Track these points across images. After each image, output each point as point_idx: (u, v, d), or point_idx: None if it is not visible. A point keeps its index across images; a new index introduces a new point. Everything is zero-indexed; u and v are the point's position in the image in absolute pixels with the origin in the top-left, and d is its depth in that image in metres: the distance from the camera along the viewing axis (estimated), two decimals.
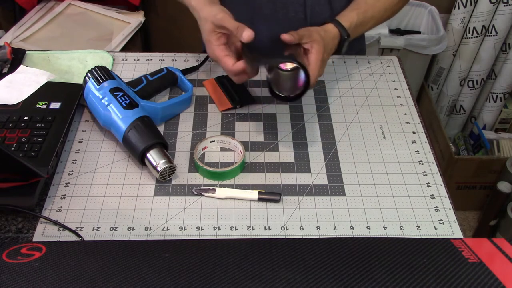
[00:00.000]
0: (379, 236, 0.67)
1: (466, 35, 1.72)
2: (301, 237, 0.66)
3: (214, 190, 0.71)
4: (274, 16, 0.95)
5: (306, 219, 0.69)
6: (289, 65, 0.70)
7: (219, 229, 0.67)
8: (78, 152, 0.77)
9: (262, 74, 0.93)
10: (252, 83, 0.91)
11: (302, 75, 0.70)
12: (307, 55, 0.75)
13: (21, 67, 0.90)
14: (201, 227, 0.67)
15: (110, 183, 0.73)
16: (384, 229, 0.68)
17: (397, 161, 0.78)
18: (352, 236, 0.67)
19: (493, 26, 1.67)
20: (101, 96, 0.76)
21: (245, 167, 0.76)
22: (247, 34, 0.71)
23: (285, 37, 0.73)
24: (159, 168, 0.70)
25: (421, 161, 0.78)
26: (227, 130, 0.82)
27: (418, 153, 0.79)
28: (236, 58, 0.74)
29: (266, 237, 0.66)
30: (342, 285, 0.53)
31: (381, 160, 0.78)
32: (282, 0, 0.93)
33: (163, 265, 0.56)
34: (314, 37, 0.75)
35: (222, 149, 0.79)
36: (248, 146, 0.79)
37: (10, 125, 0.76)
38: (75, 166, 0.75)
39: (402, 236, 0.67)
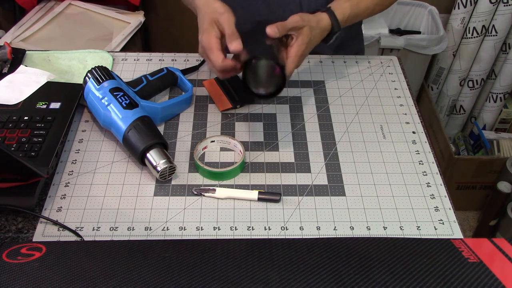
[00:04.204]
0: (379, 236, 0.67)
1: (466, 35, 1.72)
2: (301, 237, 0.66)
3: (214, 190, 0.71)
4: (271, 17, 0.95)
5: (306, 219, 0.69)
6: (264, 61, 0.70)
7: (219, 229, 0.67)
8: (78, 152, 0.77)
9: None
10: None
11: (277, 69, 0.70)
12: (288, 47, 0.74)
13: (21, 67, 0.90)
14: (201, 227, 0.67)
15: (110, 183, 0.73)
16: (384, 229, 0.68)
17: (397, 161, 0.78)
18: (352, 236, 0.67)
19: (493, 26, 1.68)
20: (101, 96, 0.76)
21: (245, 167, 0.76)
22: (234, 45, 0.71)
23: (269, 31, 0.72)
24: (159, 168, 0.70)
25: (421, 161, 0.78)
26: (227, 130, 0.82)
27: (418, 153, 0.79)
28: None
29: (266, 237, 0.66)
30: (342, 285, 0.53)
31: (381, 160, 0.78)
32: (278, 1, 0.93)
33: (163, 265, 0.56)
34: (303, 30, 0.75)
35: (222, 149, 0.79)
36: (248, 146, 0.79)
37: (10, 125, 0.76)
38: (75, 166, 0.75)
39: (402, 236, 0.67)
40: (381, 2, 0.88)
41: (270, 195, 0.71)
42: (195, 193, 0.72)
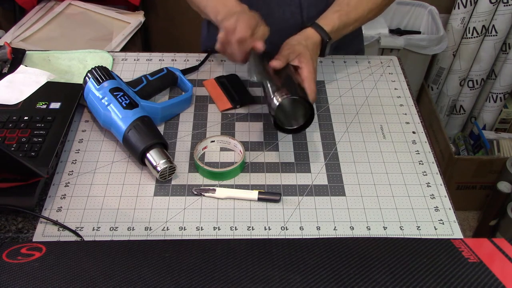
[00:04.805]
0: (379, 236, 0.67)
1: (466, 35, 1.72)
2: (301, 237, 0.66)
3: (214, 190, 0.71)
4: (271, 18, 0.94)
5: (306, 219, 0.69)
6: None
7: (219, 229, 0.67)
8: (78, 152, 0.77)
9: None
10: (252, 83, 0.91)
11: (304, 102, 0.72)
12: (298, 71, 0.76)
13: (21, 67, 0.90)
14: (201, 227, 0.67)
15: (110, 183, 0.73)
16: (384, 229, 0.68)
17: (397, 161, 0.78)
18: (352, 236, 0.67)
19: (493, 26, 1.67)
20: (101, 96, 0.76)
21: (245, 167, 0.76)
22: (260, 45, 0.74)
23: (274, 64, 0.75)
24: (159, 168, 0.70)
25: (421, 161, 0.78)
26: (227, 130, 0.82)
27: (418, 153, 0.79)
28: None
29: (266, 237, 0.66)
30: (342, 285, 0.53)
31: (381, 160, 0.78)
32: (278, 2, 0.93)
33: (163, 265, 0.56)
34: (298, 50, 0.76)
35: (222, 149, 0.79)
36: (248, 146, 0.79)
37: (10, 125, 0.76)
38: (75, 166, 0.75)
39: (402, 236, 0.67)
40: (374, 8, 0.87)
41: (270, 195, 0.71)
42: (195, 193, 0.72)
